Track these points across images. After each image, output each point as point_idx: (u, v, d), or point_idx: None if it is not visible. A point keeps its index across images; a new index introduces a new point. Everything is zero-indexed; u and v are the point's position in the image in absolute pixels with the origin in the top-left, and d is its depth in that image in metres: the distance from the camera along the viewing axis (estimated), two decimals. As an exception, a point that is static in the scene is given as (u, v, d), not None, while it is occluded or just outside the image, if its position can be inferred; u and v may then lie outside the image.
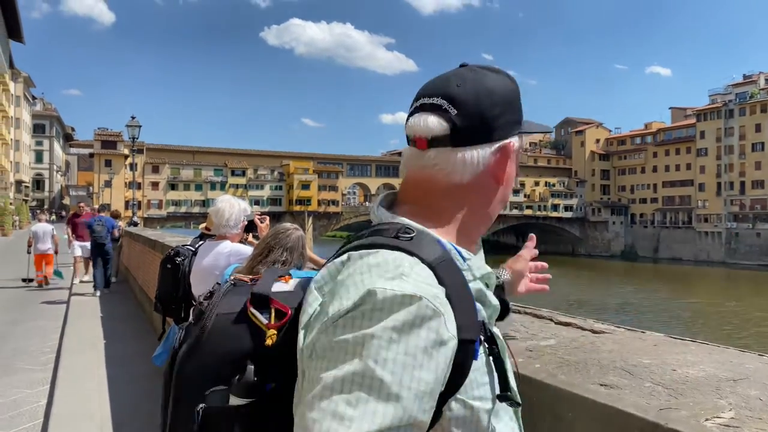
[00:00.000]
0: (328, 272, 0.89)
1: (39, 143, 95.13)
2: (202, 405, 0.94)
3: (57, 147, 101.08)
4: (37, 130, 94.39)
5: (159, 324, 4.61)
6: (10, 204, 50.68)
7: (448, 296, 0.83)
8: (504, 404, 0.92)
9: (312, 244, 73.18)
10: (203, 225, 4.24)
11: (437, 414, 0.83)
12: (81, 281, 13.95)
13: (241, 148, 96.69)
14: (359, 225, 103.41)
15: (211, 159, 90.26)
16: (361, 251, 0.87)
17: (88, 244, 13.58)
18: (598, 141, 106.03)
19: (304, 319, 0.87)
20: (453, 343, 0.80)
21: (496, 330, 0.93)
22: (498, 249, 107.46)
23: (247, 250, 3.81)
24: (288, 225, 3.05)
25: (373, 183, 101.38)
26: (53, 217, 31.50)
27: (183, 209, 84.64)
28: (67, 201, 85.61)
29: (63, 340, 8.20)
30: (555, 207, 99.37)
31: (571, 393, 1.22)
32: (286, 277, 1.06)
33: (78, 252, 14.44)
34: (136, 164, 24.50)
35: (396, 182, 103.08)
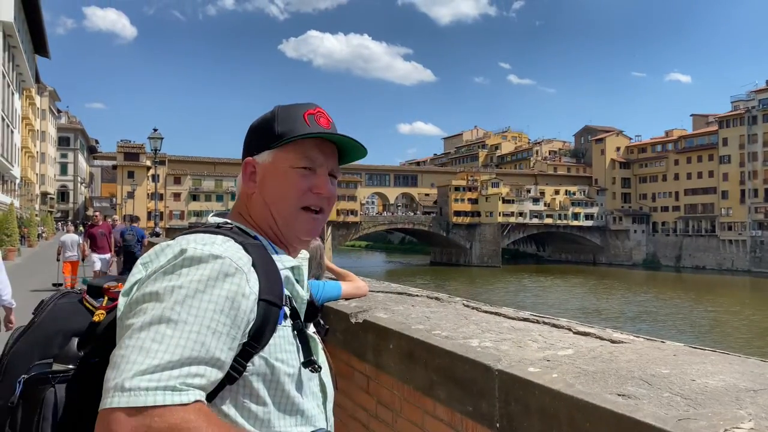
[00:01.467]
0: (153, 251, 1.06)
1: (64, 155, 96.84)
2: (23, 376, 1.04)
3: (81, 159, 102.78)
4: (62, 142, 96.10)
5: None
6: (36, 215, 51.59)
7: (254, 264, 1.05)
8: (308, 372, 1.11)
9: (331, 254, 73.31)
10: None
11: (242, 365, 1.00)
12: None
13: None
14: (378, 234, 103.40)
15: (231, 170, 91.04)
16: (184, 234, 1.09)
17: (107, 256, 13.45)
18: (618, 149, 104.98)
19: (125, 288, 1.03)
20: (253, 298, 1.01)
21: (299, 312, 1.14)
22: (518, 258, 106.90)
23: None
24: None
25: (392, 192, 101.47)
26: (81, 228, 32.40)
27: (204, 220, 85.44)
28: (90, 212, 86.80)
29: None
30: (575, 216, 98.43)
31: (588, 403, 1.21)
32: (120, 284, 1.17)
33: (98, 266, 13.46)
34: (158, 175, 24.88)
35: (414, 191, 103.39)
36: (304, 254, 1.30)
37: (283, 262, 1.16)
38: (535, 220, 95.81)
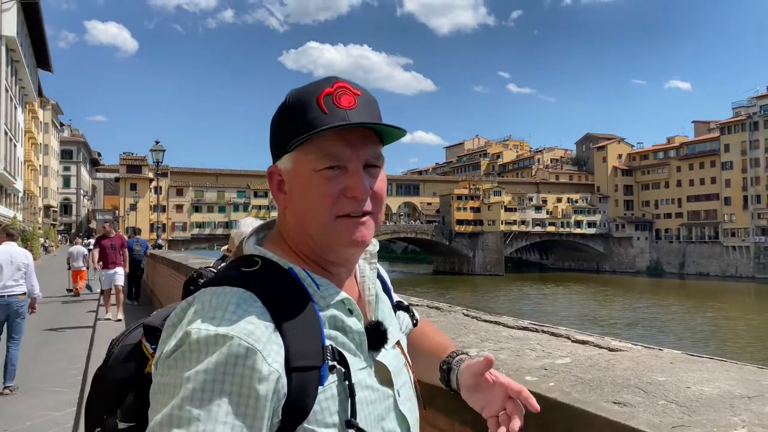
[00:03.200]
0: (180, 309, 0.92)
1: (66, 168, 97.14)
2: (98, 429, 1.06)
3: (84, 172, 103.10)
4: (65, 155, 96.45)
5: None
6: (39, 228, 51.68)
7: (279, 328, 0.87)
8: (380, 413, 0.97)
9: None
10: (225, 247, 4.30)
11: None
12: (116, 319, 11.84)
13: (263, 170, 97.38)
14: (380, 244, 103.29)
15: (233, 181, 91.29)
16: (206, 288, 0.92)
17: (118, 270, 12.37)
18: (620, 156, 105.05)
19: (156, 355, 0.90)
20: (274, 376, 0.83)
21: (357, 355, 0.97)
22: (521, 266, 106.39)
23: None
24: None
25: (394, 202, 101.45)
26: (88, 240, 32.83)
27: (207, 231, 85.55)
28: (93, 225, 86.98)
29: (89, 362, 8.31)
30: (578, 223, 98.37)
31: (584, 411, 1.22)
32: None
33: (107, 284, 12.40)
34: (160, 187, 24.93)
35: (416, 200, 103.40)
36: (372, 249, 1.13)
37: (325, 299, 0.97)
38: (538, 228, 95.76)
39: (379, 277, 1.17)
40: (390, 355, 1.04)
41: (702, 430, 1.06)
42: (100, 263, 12.49)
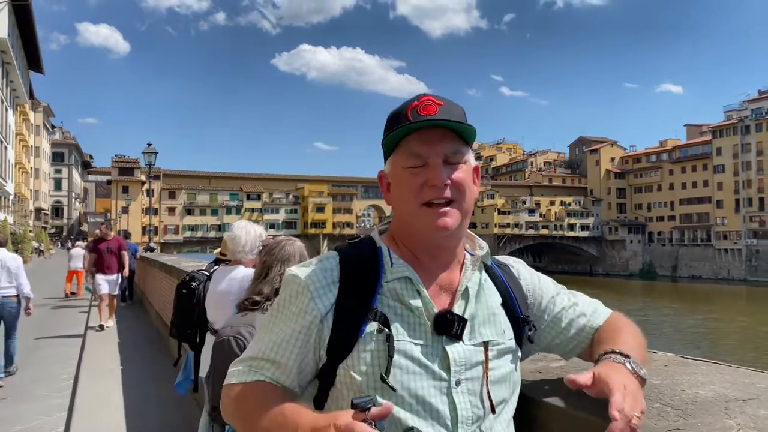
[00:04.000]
0: None
1: (58, 171, 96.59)
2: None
3: (75, 174, 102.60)
4: (56, 158, 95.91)
5: (175, 349, 4.63)
6: (30, 231, 51.36)
7: (342, 280, 1.17)
8: (430, 388, 1.11)
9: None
10: (218, 250, 4.28)
11: (330, 374, 1.15)
12: (107, 326, 11.22)
13: (255, 173, 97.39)
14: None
15: (226, 184, 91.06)
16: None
17: (114, 277, 11.73)
18: (613, 159, 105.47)
19: None
20: (316, 312, 1.15)
21: (398, 323, 1.14)
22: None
23: (261, 274, 3.82)
24: (281, 238, 3.02)
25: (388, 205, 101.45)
26: (86, 243, 32.59)
27: (199, 234, 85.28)
28: (85, 228, 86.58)
29: (81, 366, 8.26)
30: (571, 226, 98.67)
31: (578, 414, 1.22)
32: None
33: (105, 289, 11.46)
34: (152, 190, 24.81)
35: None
36: (480, 252, 1.30)
37: (393, 273, 1.18)
38: (531, 231, 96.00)
39: (505, 286, 1.31)
40: (461, 348, 1.16)
41: (698, 433, 1.09)
42: (94, 268, 11.73)
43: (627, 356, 1.16)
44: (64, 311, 14.77)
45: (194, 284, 4.13)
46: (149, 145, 20.73)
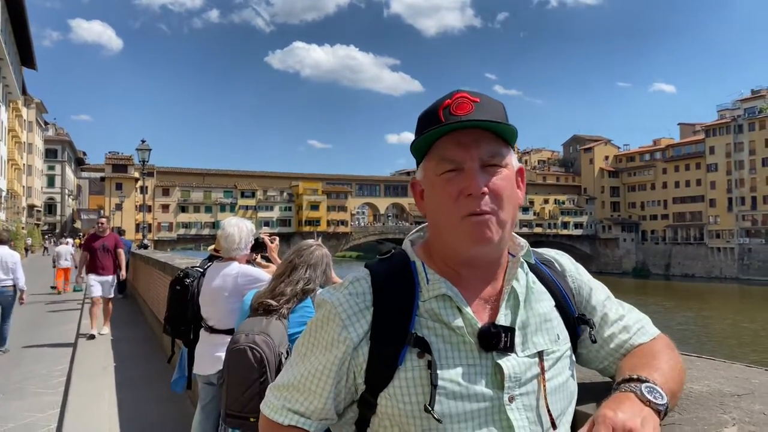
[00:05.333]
0: None
1: (51, 168, 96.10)
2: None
3: (69, 171, 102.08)
4: (49, 154, 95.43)
5: (169, 346, 4.62)
6: (22, 228, 51.12)
7: (375, 304, 1.06)
8: (479, 411, 1.00)
9: (321, 264, 72.91)
10: (212, 247, 4.27)
11: (371, 404, 1.05)
12: (99, 333, 10.06)
13: (250, 170, 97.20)
14: (368, 245, 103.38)
15: (220, 181, 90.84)
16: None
17: (109, 278, 10.46)
18: (606, 158, 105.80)
19: None
20: (348, 341, 1.05)
21: (441, 346, 1.02)
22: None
23: (254, 270, 3.82)
24: (311, 241, 2.96)
25: (382, 202, 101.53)
26: (76, 240, 32.41)
27: (193, 231, 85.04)
28: (78, 225, 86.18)
29: (73, 363, 8.22)
30: (565, 225, 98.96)
31: (577, 411, 1.20)
32: None
33: (97, 291, 10.20)
34: (146, 187, 24.73)
35: (404, 201, 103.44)
36: (522, 242, 1.18)
37: (430, 292, 1.06)
38: (525, 230, 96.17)
39: (556, 285, 1.17)
40: (515, 361, 1.04)
41: (693, 428, 1.07)
42: (84, 269, 10.43)
43: (644, 381, 1.00)
44: (57, 307, 14.70)
45: (188, 281, 4.12)
46: (143, 141, 20.64)
